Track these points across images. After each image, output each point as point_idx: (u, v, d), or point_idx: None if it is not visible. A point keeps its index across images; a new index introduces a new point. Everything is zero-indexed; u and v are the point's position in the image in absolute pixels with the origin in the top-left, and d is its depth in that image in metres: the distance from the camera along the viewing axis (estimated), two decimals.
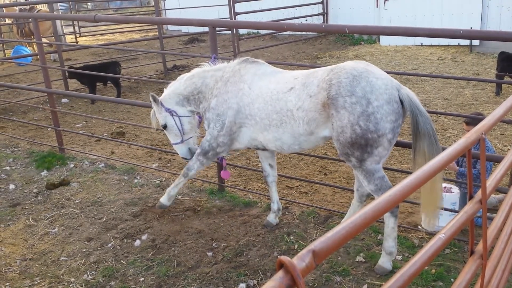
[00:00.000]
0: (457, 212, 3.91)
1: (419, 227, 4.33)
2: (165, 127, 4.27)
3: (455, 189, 4.43)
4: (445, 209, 4.23)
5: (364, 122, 3.28)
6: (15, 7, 14.61)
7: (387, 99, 3.29)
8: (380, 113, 3.28)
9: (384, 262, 3.72)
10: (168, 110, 4.20)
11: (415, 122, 3.38)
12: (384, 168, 5.20)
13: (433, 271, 3.70)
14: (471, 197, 1.76)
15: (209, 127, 4.10)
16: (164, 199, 4.55)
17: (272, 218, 4.49)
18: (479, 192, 1.76)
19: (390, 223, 3.60)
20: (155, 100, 4.19)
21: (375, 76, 3.35)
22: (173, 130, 4.25)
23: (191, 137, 4.34)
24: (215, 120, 4.00)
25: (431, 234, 4.19)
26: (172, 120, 4.22)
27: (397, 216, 3.63)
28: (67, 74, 9.35)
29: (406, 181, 1.35)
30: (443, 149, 1.64)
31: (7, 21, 15.88)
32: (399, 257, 3.93)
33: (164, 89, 4.40)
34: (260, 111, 3.77)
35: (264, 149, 4.09)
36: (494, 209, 4.37)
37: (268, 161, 4.42)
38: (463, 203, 4.34)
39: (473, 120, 4.30)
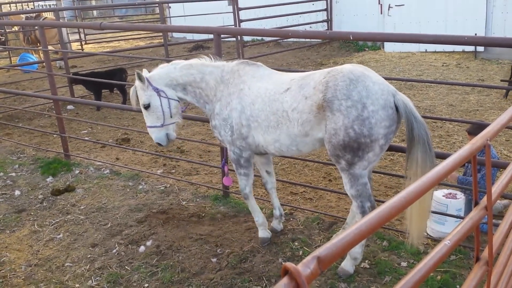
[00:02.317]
0: (462, 218, 3.89)
1: (424, 233, 4.31)
2: (147, 107, 3.96)
3: (460, 195, 4.41)
4: (450, 216, 4.22)
5: (358, 126, 3.26)
6: (21, 15, 14.75)
7: (382, 105, 3.27)
8: (375, 118, 3.26)
9: (347, 265, 3.79)
10: (156, 90, 3.91)
11: (410, 128, 3.35)
12: (389, 174, 5.25)
13: (439, 277, 3.68)
14: (476, 203, 1.76)
15: (221, 135, 4.01)
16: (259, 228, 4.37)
17: (276, 224, 4.49)
18: (485, 198, 1.75)
19: None
20: (140, 78, 3.88)
21: (372, 81, 3.33)
22: (157, 111, 3.97)
23: (173, 123, 4.09)
24: (223, 126, 3.94)
25: (437, 241, 4.17)
26: (158, 101, 3.93)
27: None
28: (71, 79, 9.41)
29: (412, 188, 1.35)
30: (448, 155, 1.64)
31: (14, 28, 16.03)
32: (404, 264, 3.92)
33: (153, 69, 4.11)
34: (260, 112, 3.73)
35: (265, 153, 4.05)
36: (500, 215, 4.35)
37: (265, 167, 4.39)
38: (468, 209, 4.32)
39: (475, 130, 4.28)
